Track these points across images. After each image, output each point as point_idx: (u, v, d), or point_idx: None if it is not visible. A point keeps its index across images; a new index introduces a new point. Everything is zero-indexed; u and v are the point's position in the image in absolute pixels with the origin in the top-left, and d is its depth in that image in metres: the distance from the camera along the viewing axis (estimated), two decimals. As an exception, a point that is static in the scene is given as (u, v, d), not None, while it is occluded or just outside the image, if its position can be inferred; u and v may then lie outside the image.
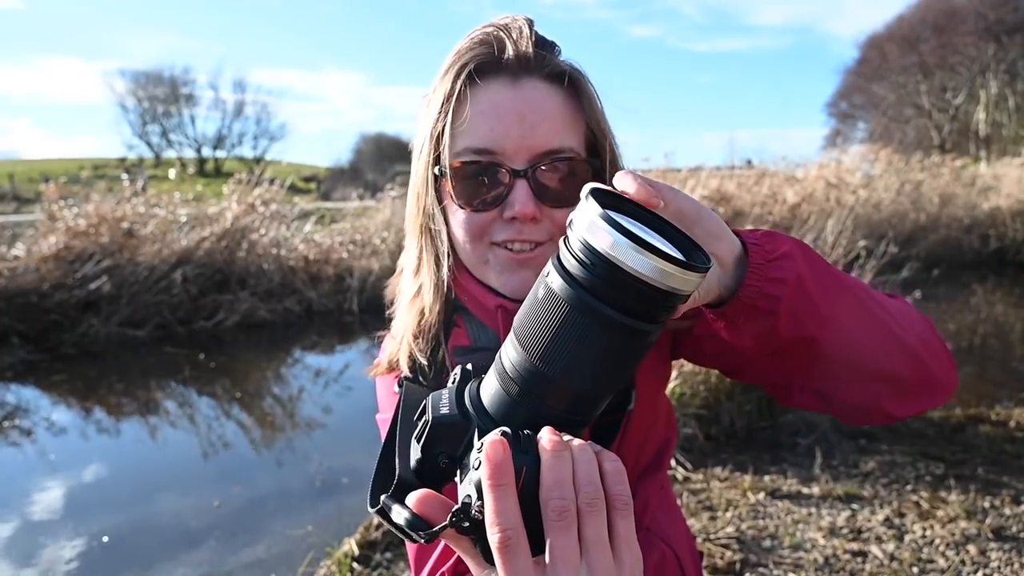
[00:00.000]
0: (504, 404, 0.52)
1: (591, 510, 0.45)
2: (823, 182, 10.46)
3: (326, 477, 3.70)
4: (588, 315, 0.46)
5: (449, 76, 0.81)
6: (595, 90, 0.85)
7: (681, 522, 1.08)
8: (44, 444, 4.37)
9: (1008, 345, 6.40)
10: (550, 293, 0.48)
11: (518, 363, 0.50)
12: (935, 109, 41.29)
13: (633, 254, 0.44)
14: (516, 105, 0.79)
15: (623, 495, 0.46)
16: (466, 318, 0.89)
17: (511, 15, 0.84)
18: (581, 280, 0.46)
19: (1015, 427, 3.76)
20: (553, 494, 0.44)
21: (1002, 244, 11.42)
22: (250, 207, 8.30)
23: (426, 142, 0.84)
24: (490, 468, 0.44)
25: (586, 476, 0.45)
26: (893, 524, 2.80)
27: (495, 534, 0.44)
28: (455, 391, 0.56)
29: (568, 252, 0.48)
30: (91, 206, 7.43)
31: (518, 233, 0.81)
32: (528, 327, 0.50)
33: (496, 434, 0.46)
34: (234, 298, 7.52)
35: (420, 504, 0.50)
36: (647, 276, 0.44)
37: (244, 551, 2.97)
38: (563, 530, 0.44)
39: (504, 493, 0.44)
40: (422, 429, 0.53)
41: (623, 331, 0.47)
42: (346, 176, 41.02)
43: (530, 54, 0.80)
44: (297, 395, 5.39)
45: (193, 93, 55.39)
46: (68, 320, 6.73)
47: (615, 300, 0.46)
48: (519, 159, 0.79)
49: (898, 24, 43.18)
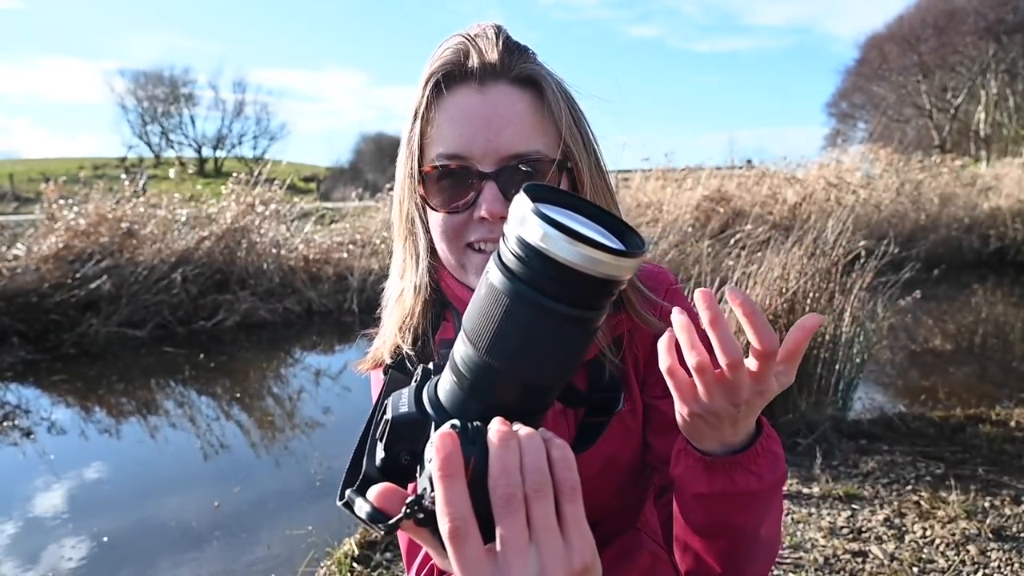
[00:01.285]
0: (458, 399, 0.53)
1: (537, 495, 0.46)
2: (823, 182, 10.47)
3: (326, 477, 3.70)
4: (528, 307, 0.48)
5: (420, 86, 0.86)
6: (565, 92, 0.88)
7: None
8: (44, 444, 4.37)
9: (1008, 345, 6.40)
10: (491, 288, 0.49)
11: (467, 358, 0.52)
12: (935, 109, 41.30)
13: (564, 244, 0.45)
14: (483, 110, 0.83)
15: (570, 480, 0.47)
16: (455, 314, 0.94)
17: (480, 23, 0.88)
18: (518, 273, 0.48)
19: (1015, 427, 3.76)
20: (500, 481, 0.46)
21: (1002, 244, 11.43)
22: (250, 207, 8.30)
23: (404, 150, 0.88)
24: (439, 460, 0.45)
25: (533, 463, 0.47)
26: (893, 524, 2.80)
27: (445, 524, 0.45)
28: (414, 389, 0.57)
29: (505, 247, 0.49)
30: (91, 206, 7.43)
31: (489, 232, 0.85)
32: (474, 322, 0.51)
33: (446, 427, 0.48)
34: (234, 298, 7.52)
35: (379, 498, 0.52)
36: (580, 265, 0.45)
37: (244, 551, 2.97)
38: (510, 515, 0.45)
39: (452, 483, 0.45)
40: (383, 428, 0.55)
41: (564, 320, 0.48)
42: (346, 176, 41.01)
43: (495, 60, 0.84)
44: (297, 395, 5.39)
45: (193, 93, 55.51)
46: (68, 320, 6.73)
47: (552, 291, 0.47)
48: (487, 162, 0.83)
49: (898, 24, 43.20)
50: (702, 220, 8.78)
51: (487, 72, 0.84)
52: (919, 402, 4.40)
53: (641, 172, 10.50)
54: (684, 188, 9.54)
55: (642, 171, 10.47)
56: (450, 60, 0.84)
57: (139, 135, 54.81)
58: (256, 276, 7.85)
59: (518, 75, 0.85)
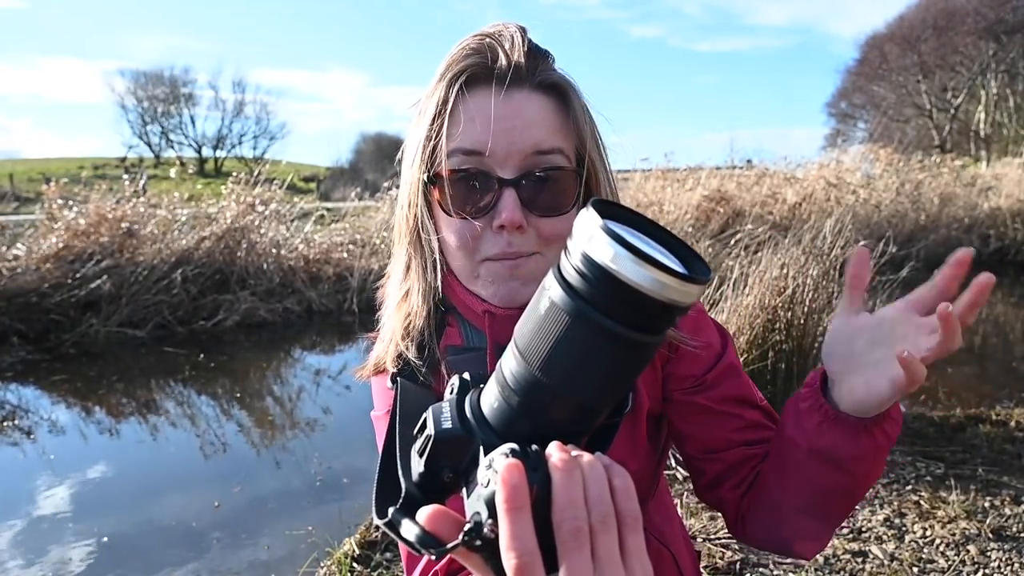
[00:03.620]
0: (506, 416, 0.52)
1: (603, 527, 0.45)
2: (823, 182, 10.48)
3: (326, 477, 3.70)
4: (589, 327, 0.46)
5: (442, 85, 0.82)
6: (585, 101, 0.86)
7: (677, 520, 1.08)
8: (44, 444, 4.37)
9: (1008, 345, 6.40)
10: (551, 304, 0.48)
11: (519, 374, 0.50)
12: (935, 109, 41.30)
13: (632, 266, 0.44)
14: (506, 113, 0.80)
15: (633, 511, 0.47)
16: (458, 319, 0.91)
17: (503, 23, 0.85)
18: (581, 292, 0.46)
19: (1015, 427, 3.76)
20: (567, 515, 0.45)
21: (1002, 244, 11.43)
22: (250, 207, 8.30)
23: (418, 150, 0.84)
24: (506, 491, 0.44)
25: (597, 495, 0.46)
26: (893, 524, 2.80)
27: (512, 559, 0.44)
28: (455, 403, 0.55)
29: (568, 263, 0.48)
30: (91, 206, 7.43)
31: (507, 245, 0.82)
32: (528, 338, 0.50)
33: (506, 452, 0.46)
34: (234, 298, 7.52)
35: (431, 521, 0.50)
36: (646, 288, 0.44)
37: (244, 551, 2.97)
38: (577, 550, 0.44)
39: (519, 516, 0.44)
40: (424, 444, 0.53)
41: (624, 343, 0.47)
42: (346, 176, 40.98)
43: (522, 63, 0.81)
44: (297, 395, 5.39)
45: (193, 93, 55.48)
46: (68, 320, 6.73)
47: (615, 312, 0.46)
48: (508, 167, 0.81)
49: (898, 24, 43.21)
50: (702, 220, 8.79)
51: (513, 75, 0.81)
52: (919, 402, 4.40)
53: (641, 172, 10.50)
54: (684, 188, 9.54)
55: (642, 171, 10.47)
56: (474, 60, 0.81)
57: (139, 135, 54.83)
58: (256, 276, 7.85)
59: (542, 81, 0.83)
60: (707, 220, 8.77)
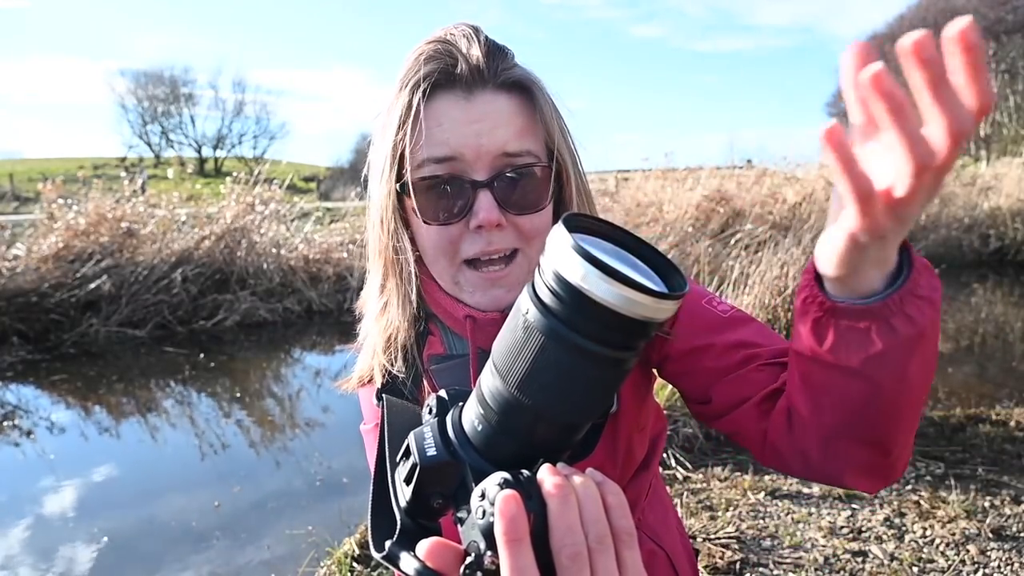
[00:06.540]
0: (489, 436, 0.51)
1: (600, 548, 0.46)
2: (823, 182, 10.46)
3: (326, 477, 3.70)
4: (563, 346, 0.46)
5: (404, 94, 0.82)
6: (549, 95, 0.86)
7: (673, 519, 1.08)
8: (44, 444, 4.37)
9: (1008, 345, 6.40)
10: (526, 324, 0.48)
11: (498, 394, 0.50)
12: (935, 109, 41.25)
13: (603, 284, 0.43)
14: (472, 116, 0.80)
15: (627, 527, 0.47)
16: (440, 326, 0.91)
17: (453, 25, 0.85)
18: (555, 311, 0.46)
19: (1015, 427, 3.76)
20: (566, 541, 0.45)
21: (1002, 244, 11.42)
22: (249, 207, 8.30)
23: (386, 162, 0.84)
24: (505, 524, 0.44)
25: (593, 516, 0.46)
26: (893, 524, 2.81)
27: None
28: (437, 426, 0.54)
29: (542, 282, 0.47)
30: (91, 205, 7.44)
31: (487, 244, 0.82)
32: (505, 357, 0.50)
33: (499, 482, 0.46)
34: (234, 298, 7.52)
35: (431, 555, 0.50)
36: (617, 306, 0.44)
37: (244, 551, 2.97)
38: (577, 573, 0.45)
39: (520, 548, 0.44)
40: (411, 473, 0.53)
41: (600, 361, 0.47)
42: (346, 176, 40.97)
43: (482, 64, 0.81)
44: (297, 395, 5.39)
45: (193, 93, 55.51)
46: (68, 320, 6.74)
47: (589, 331, 0.45)
48: (479, 169, 0.81)
49: (899, 24, 43.20)
50: (702, 220, 8.78)
51: (474, 77, 0.81)
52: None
53: (641, 172, 10.50)
54: (684, 188, 9.54)
55: (642, 171, 10.47)
56: (433, 66, 0.81)
57: (139, 135, 54.88)
58: (256, 276, 7.85)
59: (505, 80, 0.83)
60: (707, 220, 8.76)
